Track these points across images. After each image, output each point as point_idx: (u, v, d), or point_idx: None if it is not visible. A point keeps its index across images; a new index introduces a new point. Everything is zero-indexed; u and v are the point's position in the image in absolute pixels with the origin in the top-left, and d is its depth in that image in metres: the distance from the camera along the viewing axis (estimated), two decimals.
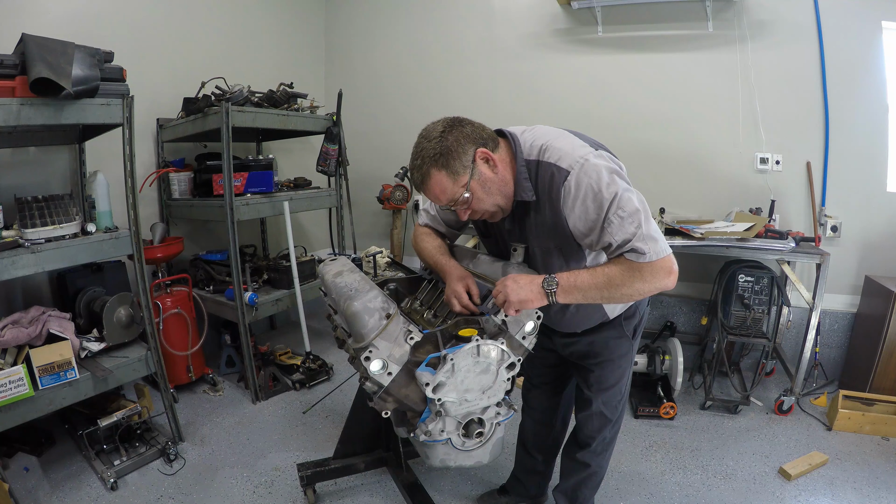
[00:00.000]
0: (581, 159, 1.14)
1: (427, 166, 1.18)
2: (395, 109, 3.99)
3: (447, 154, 1.16)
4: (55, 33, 1.87)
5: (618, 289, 1.13)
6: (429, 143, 1.18)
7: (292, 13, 3.93)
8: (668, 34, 3.09)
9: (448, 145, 1.16)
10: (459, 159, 1.17)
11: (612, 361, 1.50)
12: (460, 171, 1.17)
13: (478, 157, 1.18)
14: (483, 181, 1.19)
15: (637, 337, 1.52)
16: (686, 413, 2.62)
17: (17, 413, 1.82)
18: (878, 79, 2.75)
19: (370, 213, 4.07)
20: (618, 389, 1.56)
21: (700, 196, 3.14)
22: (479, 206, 1.23)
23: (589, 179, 1.12)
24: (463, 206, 1.22)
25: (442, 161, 1.17)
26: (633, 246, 1.10)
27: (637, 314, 1.49)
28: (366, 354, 1.13)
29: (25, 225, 1.89)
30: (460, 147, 1.17)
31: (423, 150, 1.19)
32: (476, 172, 1.18)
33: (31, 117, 1.76)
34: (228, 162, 2.52)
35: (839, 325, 2.96)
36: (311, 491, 1.95)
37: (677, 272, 1.14)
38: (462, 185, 1.18)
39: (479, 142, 1.19)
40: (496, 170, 1.20)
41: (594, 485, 1.73)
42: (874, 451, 2.28)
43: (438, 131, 1.18)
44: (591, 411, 1.57)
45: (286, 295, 2.95)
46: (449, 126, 1.19)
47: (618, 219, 1.10)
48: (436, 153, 1.17)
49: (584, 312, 1.42)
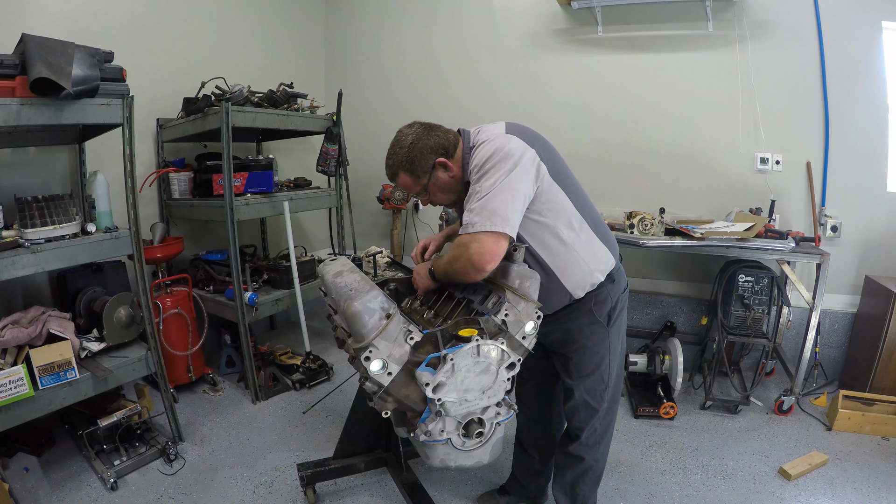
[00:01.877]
0: (488, 137, 1.39)
1: (396, 167, 1.47)
2: (396, 109, 3.99)
3: (412, 161, 1.44)
4: (55, 33, 1.87)
5: (455, 266, 1.32)
6: (400, 149, 1.45)
7: (292, 13, 3.93)
8: (668, 34, 3.09)
9: (413, 156, 1.43)
10: (421, 166, 1.44)
11: (588, 348, 1.54)
12: (421, 175, 1.45)
13: (436, 166, 1.45)
14: (439, 183, 1.47)
15: (613, 324, 1.54)
16: (686, 413, 2.62)
17: (17, 413, 1.82)
18: (878, 79, 2.75)
19: (370, 213, 4.07)
20: (599, 377, 1.57)
21: (700, 196, 3.14)
22: (436, 199, 1.53)
23: (479, 152, 1.36)
24: (423, 197, 1.53)
25: (406, 166, 1.45)
26: (469, 219, 1.29)
27: (609, 300, 1.52)
28: (366, 354, 1.13)
29: (25, 225, 1.89)
30: (423, 157, 1.43)
31: (395, 155, 1.46)
32: (433, 176, 1.46)
33: (31, 117, 1.76)
34: (228, 162, 2.52)
35: (839, 325, 2.96)
36: (311, 491, 1.95)
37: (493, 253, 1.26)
38: (421, 184, 1.48)
39: (439, 151, 1.44)
40: (451, 172, 1.46)
41: (593, 480, 1.72)
42: (874, 451, 2.28)
43: (409, 141, 1.44)
44: (576, 401, 1.59)
45: (286, 295, 2.95)
46: (417, 137, 1.44)
47: (476, 187, 1.32)
48: (403, 160, 1.45)
49: (551, 293, 1.47)
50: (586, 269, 1.48)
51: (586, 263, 1.48)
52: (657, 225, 2.67)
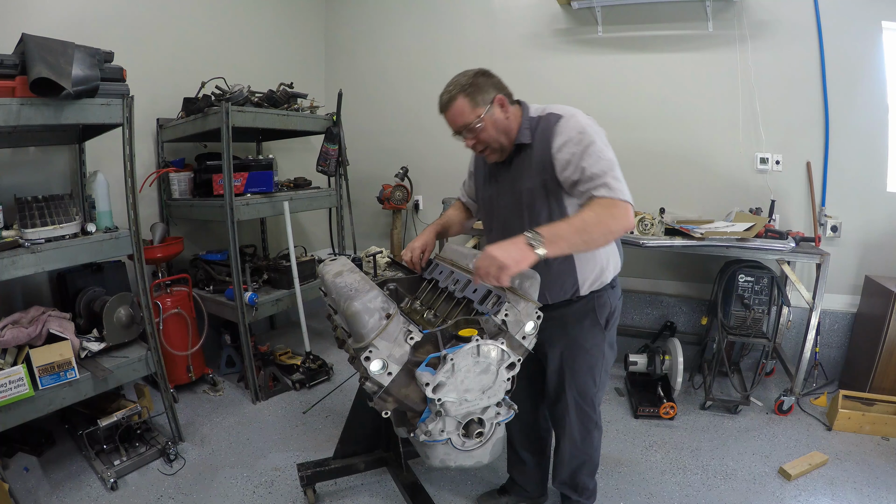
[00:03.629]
0: (575, 111, 1.42)
1: (456, 91, 1.42)
2: (396, 109, 3.99)
3: (474, 87, 1.41)
4: (55, 33, 1.87)
5: (594, 229, 1.25)
6: (463, 76, 1.43)
7: (292, 13, 3.93)
8: (668, 34, 3.09)
9: (477, 82, 1.42)
10: (482, 95, 1.41)
11: (585, 350, 1.55)
12: (480, 103, 1.41)
13: (496, 100, 1.42)
14: (494, 120, 1.43)
15: (609, 329, 1.56)
16: (686, 413, 2.62)
17: (17, 413, 1.82)
18: (878, 79, 2.75)
19: (370, 213, 4.07)
20: (591, 380, 1.58)
21: (700, 196, 3.14)
22: (485, 137, 1.44)
23: (577, 122, 1.38)
24: (471, 135, 1.45)
25: (468, 91, 1.41)
26: (605, 181, 1.27)
27: (609, 304, 1.54)
28: (366, 354, 1.13)
29: (25, 225, 1.89)
30: (485, 87, 1.42)
31: (457, 80, 1.44)
32: (491, 110, 1.42)
33: (31, 117, 1.76)
34: (228, 162, 2.52)
35: (839, 325, 2.96)
36: (311, 491, 1.95)
37: (633, 220, 1.30)
38: (477, 115, 1.41)
39: (502, 90, 1.45)
40: (507, 115, 1.44)
41: (590, 470, 1.76)
42: (874, 451, 2.28)
43: (473, 72, 1.44)
44: (566, 403, 1.60)
45: (286, 295, 2.95)
46: (482, 72, 1.45)
47: (595, 155, 1.31)
48: (466, 84, 1.41)
49: (557, 278, 1.48)
50: (601, 265, 1.50)
51: (604, 260, 1.51)
52: (657, 225, 2.67)
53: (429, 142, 3.82)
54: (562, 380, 1.59)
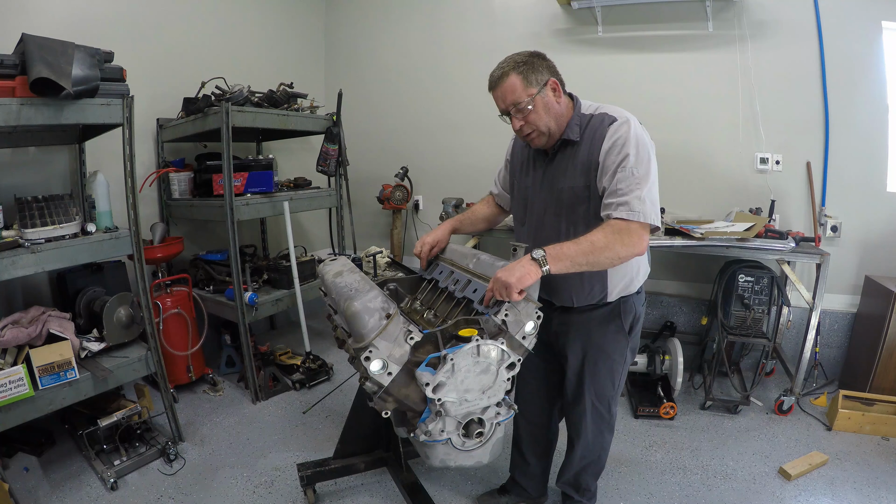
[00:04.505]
0: (631, 118, 1.37)
1: (509, 67, 1.38)
2: (396, 109, 3.99)
3: (529, 66, 1.37)
4: (55, 33, 1.88)
5: (601, 253, 1.25)
6: (518, 55, 1.39)
7: (292, 13, 3.93)
8: (668, 34, 3.09)
9: (532, 61, 1.38)
10: (535, 75, 1.37)
11: (607, 355, 1.54)
12: (533, 83, 1.37)
13: (549, 83, 1.39)
14: (545, 102, 1.38)
15: (633, 336, 1.55)
16: (686, 413, 2.62)
17: (17, 413, 1.82)
18: (878, 79, 2.75)
19: (370, 213, 4.07)
20: (610, 383, 1.58)
21: (700, 196, 3.13)
22: (534, 119, 1.39)
23: (629, 130, 1.32)
24: (519, 115, 1.40)
25: (522, 69, 1.37)
26: (628, 200, 1.26)
27: (633, 310, 1.53)
28: (366, 354, 1.13)
29: (25, 225, 1.89)
30: (540, 68, 1.38)
31: (512, 57, 1.40)
32: (543, 92, 1.38)
33: (31, 117, 1.76)
34: (228, 162, 2.52)
35: (839, 325, 2.95)
36: (311, 491, 1.95)
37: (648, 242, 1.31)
38: (528, 95, 1.37)
39: (555, 75, 1.41)
40: (559, 100, 1.40)
41: (595, 471, 1.76)
42: (874, 451, 2.28)
43: (529, 52, 1.40)
44: (584, 406, 1.60)
45: (286, 295, 2.95)
46: (538, 54, 1.41)
47: (629, 170, 1.28)
48: (520, 61, 1.37)
49: (587, 283, 1.46)
50: (632, 274, 1.49)
51: (634, 269, 1.49)
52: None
53: (429, 142, 3.82)
54: (581, 382, 1.58)
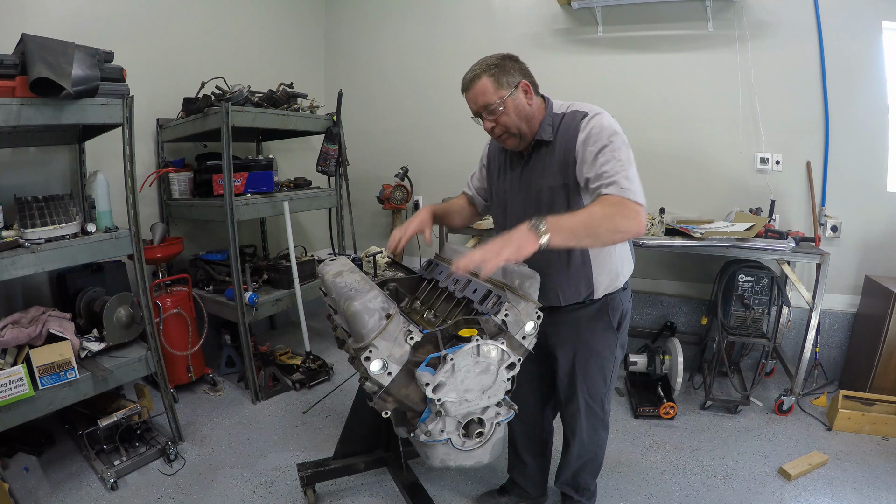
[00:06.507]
0: (600, 111, 1.39)
1: (480, 70, 1.39)
2: (396, 109, 3.99)
3: (500, 69, 1.38)
4: (55, 33, 1.88)
5: (601, 224, 1.20)
6: (490, 57, 1.41)
7: (292, 13, 3.93)
8: (668, 34, 3.09)
9: (504, 64, 1.40)
10: (507, 77, 1.38)
11: (597, 352, 1.55)
12: (504, 85, 1.38)
13: (521, 85, 1.40)
14: (516, 104, 1.40)
15: (621, 332, 1.56)
16: (686, 413, 2.62)
17: (17, 413, 1.82)
18: (878, 79, 2.75)
19: (370, 213, 4.07)
20: (602, 381, 1.58)
21: (700, 196, 3.14)
22: (505, 120, 1.41)
23: (602, 121, 1.35)
24: (491, 117, 1.41)
25: (494, 71, 1.38)
26: (616, 179, 1.24)
27: (621, 306, 1.54)
28: (366, 354, 1.13)
29: (25, 225, 1.89)
30: (511, 71, 1.40)
31: (484, 59, 1.41)
32: (515, 94, 1.39)
33: (31, 117, 1.76)
34: (228, 162, 2.52)
35: (839, 325, 2.96)
36: (311, 491, 1.95)
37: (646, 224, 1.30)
38: (499, 97, 1.38)
39: (527, 77, 1.43)
40: (531, 102, 1.42)
41: (593, 470, 1.77)
42: (874, 451, 2.28)
43: (501, 54, 1.42)
44: (577, 405, 1.60)
45: (286, 295, 2.95)
46: (510, 56, 1.43)
47: (611, 154, 1.29)
48: (492, 64, 1.39)
49: (573, 280, 1.47)
50: (616, 269, 1.50)
51: (618, 265, 1.50)
52: (657, 225, 2.67)
53: (429, 142, 3.82)
54: (573, 382, 1.59)
